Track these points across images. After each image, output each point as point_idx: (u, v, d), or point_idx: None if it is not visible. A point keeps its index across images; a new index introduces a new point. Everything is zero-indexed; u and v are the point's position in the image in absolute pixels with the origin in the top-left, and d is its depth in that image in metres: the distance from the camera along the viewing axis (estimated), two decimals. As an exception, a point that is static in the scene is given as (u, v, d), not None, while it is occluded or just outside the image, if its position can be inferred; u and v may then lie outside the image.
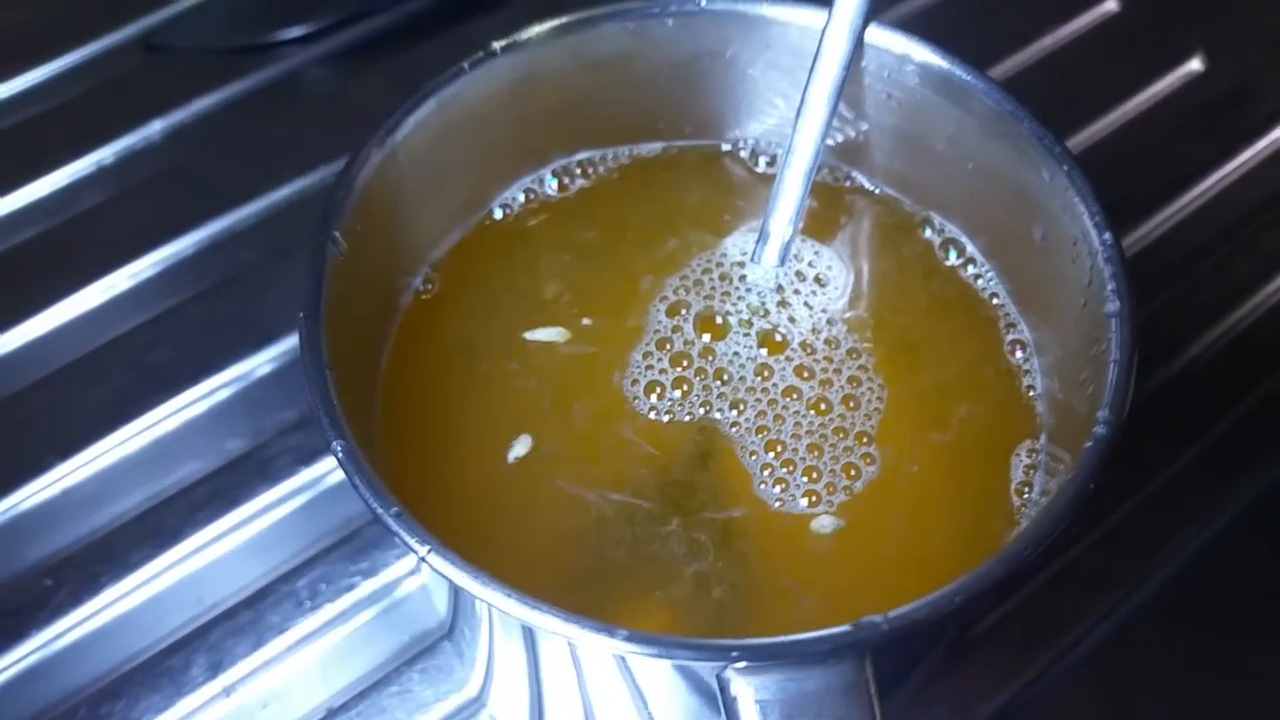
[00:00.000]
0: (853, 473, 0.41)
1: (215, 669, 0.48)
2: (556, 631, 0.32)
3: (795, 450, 0.42)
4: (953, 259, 0.46)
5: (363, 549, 0.50)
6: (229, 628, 0.49)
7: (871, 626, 0.32)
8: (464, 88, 0.42)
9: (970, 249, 0.46)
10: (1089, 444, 0.34)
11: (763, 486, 0.41)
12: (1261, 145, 0.65)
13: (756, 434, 0.42)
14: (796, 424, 0.42)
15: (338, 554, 0.50)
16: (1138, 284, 0.58)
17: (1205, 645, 0.50)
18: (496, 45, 0.42)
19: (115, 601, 0.50)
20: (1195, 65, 0.68)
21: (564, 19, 0.43)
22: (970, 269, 0.46)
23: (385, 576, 0.50)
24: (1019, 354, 0.44)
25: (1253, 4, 0.72)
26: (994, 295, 0.45)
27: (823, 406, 0.42)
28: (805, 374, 0.43)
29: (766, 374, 0.43)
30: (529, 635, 0.37)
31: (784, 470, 0.41)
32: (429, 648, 0.48)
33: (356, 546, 0.50)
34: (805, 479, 0.41)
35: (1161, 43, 0.69)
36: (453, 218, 0.46)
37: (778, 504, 0.41)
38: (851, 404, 0.43)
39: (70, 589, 0.50)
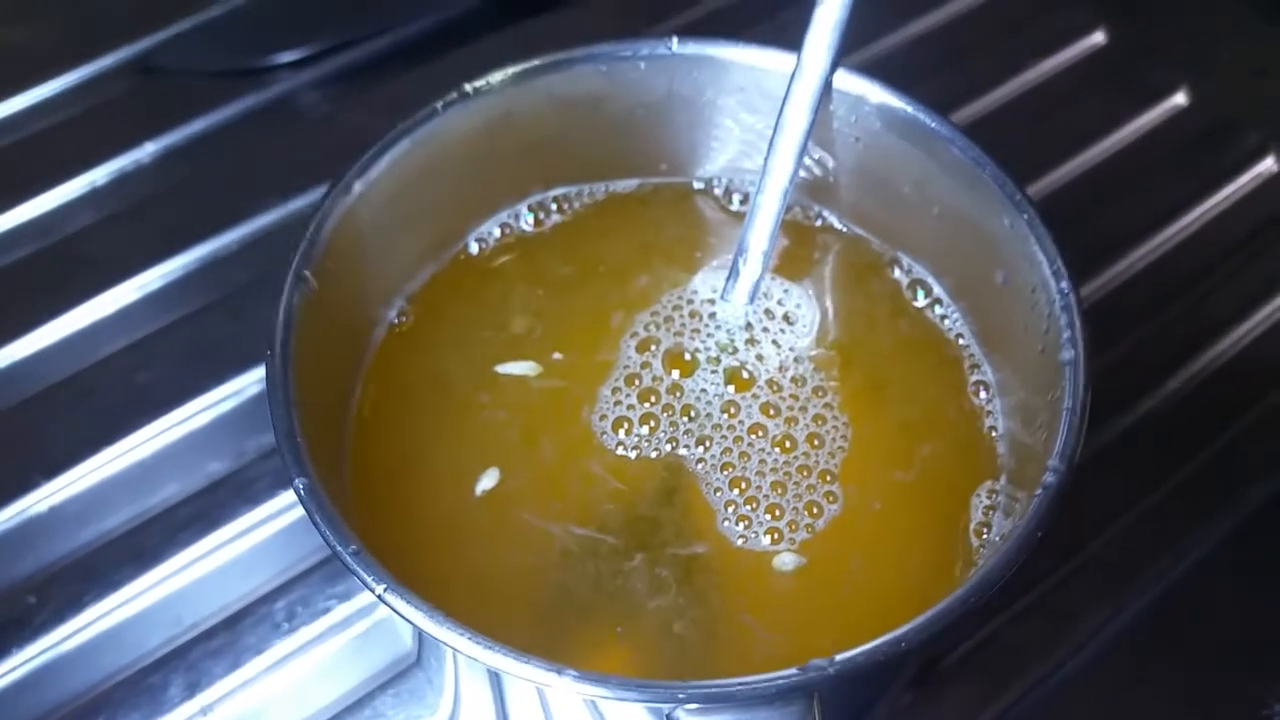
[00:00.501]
0: (815, 510, 0.42)
1: (193, 688, 0.49)
2: (508, 670, 0.32)
3: (759, 487, 0.42)
4: (920, 299, 0.47)
5: (339, 573, 0.51)
6: (207, 648, 0.50)
7: (818, 670, 0.32)
8: (438, 127, 0.43)
9: (937, 290, 0.47)
10: (1038, 493, 0.35)
11: (726, 523, 0.42)
12: (1243, 180, 0.66)
13: (721, 471, 0.43)
14: (761, 461, 0.43)
15: (315, 577, 0.51)
16: (1120, 316, 0.59)
17: (1177, 677, 0.51)
18: (469, 86, 0.43)
19: (97, 620, 0.51)
20: (1179, 99, 0.69)
21: (537, 61, 0.44)
22: (937, 309, 0.46)
23: (360, 601, 0.50)
24: (982, 395, 0.45)
25: (1238, 39, 0.73)
26: (959, 336, 0.46)
27: (787, 444, 0.43)
28: (771, 411, 0.44)
29: (733, 411, 0.44)
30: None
31: (747, 507, 0.42)
32: (401, 673, 0.49)
33: (333, 571, 0.51)
34: (768, 516, 0.42)
35: (1146, 77, 0.70)
36: (428, 252, 0.47)
37: (740, 541, 0.42)
38: (816, 442, 0.43)
39: (53, 607, 0.51)
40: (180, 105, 0.66)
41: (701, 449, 0.43)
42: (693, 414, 0.44)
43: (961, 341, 0.46)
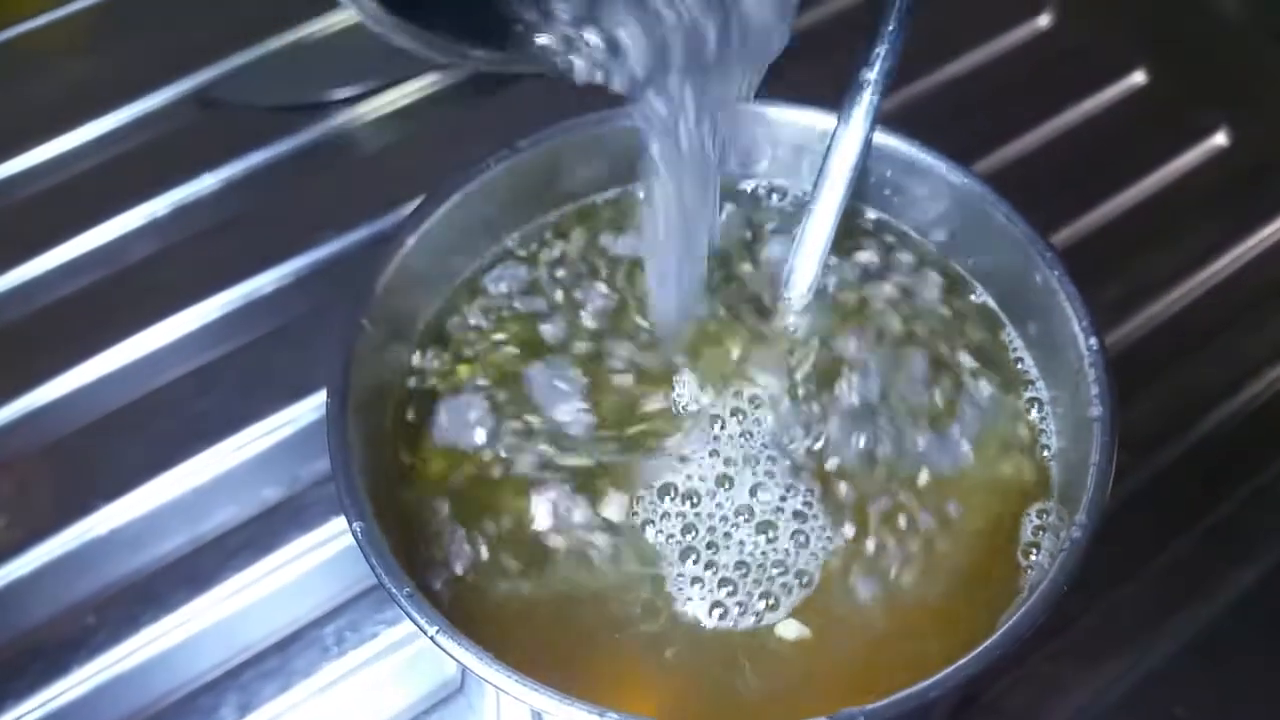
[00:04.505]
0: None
1: (244, 709, 0.50)
2: (552, 712, 0.34)
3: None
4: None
5: (387, 600, 0.51)
6: (258, 670, 0.51)
7: (848, 718, 0.34)
8: (488, 179, 0.44)
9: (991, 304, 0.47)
10: (1064, 548, 0.36)
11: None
12: (1280, 223, 0.66)
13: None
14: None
15: (364, 603, 0.53)
16: (1155, 358, 0.59)
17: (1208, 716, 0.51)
18: (522, 143, 0.44)
19: (152, 641, 0.52)
20: (1220, 140, 0.69)
21: (578, 118, 0.45)
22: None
23: (407, 627, 0.51)
24: (1034, 413, 0.45)
25: (1279, 79, 0.73)
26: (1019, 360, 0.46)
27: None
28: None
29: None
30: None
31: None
32: (445, 699, 0.51)
33: (382, 596, 0.51)
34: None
35: (1187, 117, 0.70)
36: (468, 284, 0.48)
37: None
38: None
39: (111, 628, 0.52)
40: (239, 139, 0.67)
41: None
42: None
43: (1017, 358, 0.46)
